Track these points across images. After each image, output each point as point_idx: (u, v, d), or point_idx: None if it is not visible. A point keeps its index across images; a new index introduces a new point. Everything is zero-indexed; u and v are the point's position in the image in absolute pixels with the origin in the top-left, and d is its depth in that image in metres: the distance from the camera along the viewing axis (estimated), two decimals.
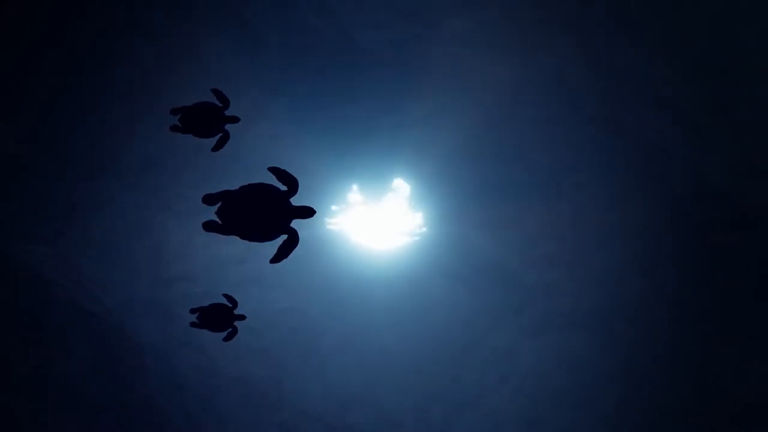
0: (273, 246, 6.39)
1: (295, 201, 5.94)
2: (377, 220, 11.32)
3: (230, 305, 7.75)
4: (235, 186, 5.90)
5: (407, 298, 11.69)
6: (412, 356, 11.91)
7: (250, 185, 5.89)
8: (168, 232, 10.83)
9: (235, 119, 6.43)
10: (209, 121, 6.35)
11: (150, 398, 11.87)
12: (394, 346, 11.86)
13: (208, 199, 5.91)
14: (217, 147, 6.55)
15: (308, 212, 5.93)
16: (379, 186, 11.12)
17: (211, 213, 5.91)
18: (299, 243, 6.01)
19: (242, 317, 7.80)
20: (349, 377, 12.00)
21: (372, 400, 12.03)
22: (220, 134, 6.51)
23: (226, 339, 7.88)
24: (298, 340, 11.76)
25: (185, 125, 6.29)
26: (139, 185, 10.52)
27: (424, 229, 11.22)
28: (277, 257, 5.96)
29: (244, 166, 9.89)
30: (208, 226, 5.90)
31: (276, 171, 5.79)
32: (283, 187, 5.89)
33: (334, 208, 11.11)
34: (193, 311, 7.65)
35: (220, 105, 6.43)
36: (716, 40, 9.58)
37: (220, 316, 7.70)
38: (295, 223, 6.05)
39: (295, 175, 5.83)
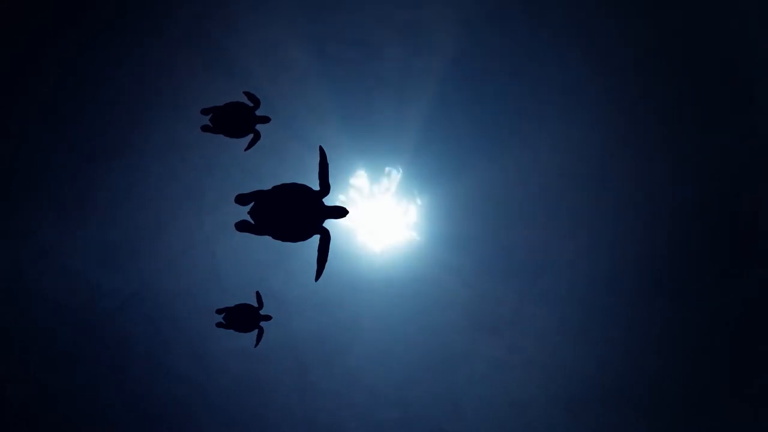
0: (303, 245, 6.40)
1: None
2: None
3: (256, 305, 7.72)
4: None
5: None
6: None
7: (283, 185, 5.86)
8: None
9: (266, 119, 6.40)
10: (240, 121, 6.32)
11: None
12: None
13: (241, 200, 5.88)
14: (249, 146, 6.53)
15: (341, 212, 5.90)
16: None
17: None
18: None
19: (268, 317, 7.76)
20: None
21: None
22: (251, 134, 6.48)
23: (257, 343, 7.87)
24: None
25: (216, 125, 6.26)
26: None
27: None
28: (319, 269, 5.98)
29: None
30: (241, 227, 5.88)
31: (323, 157, 5.79)
32: (315, 187, 5.88)
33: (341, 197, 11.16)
34: (219, 311, 7.62)
35: (251, 105, 6.40)
36: None
37: (246, 317, 7.67)
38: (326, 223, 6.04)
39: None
